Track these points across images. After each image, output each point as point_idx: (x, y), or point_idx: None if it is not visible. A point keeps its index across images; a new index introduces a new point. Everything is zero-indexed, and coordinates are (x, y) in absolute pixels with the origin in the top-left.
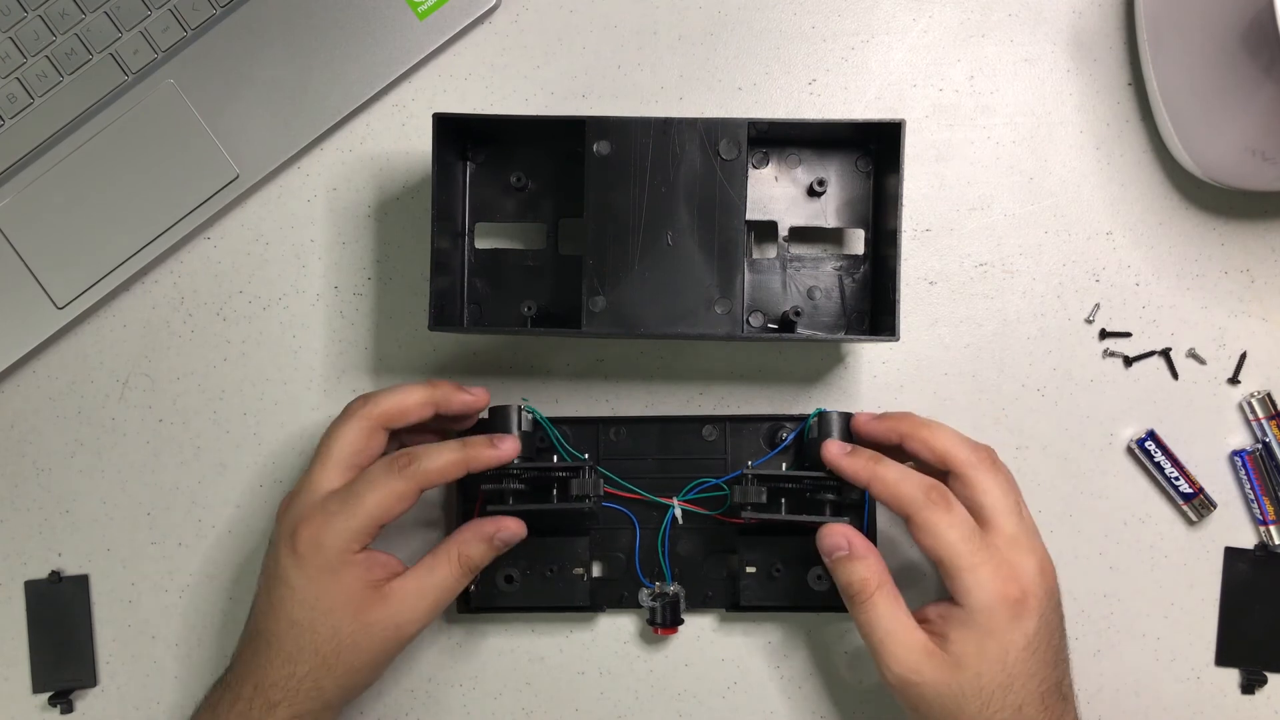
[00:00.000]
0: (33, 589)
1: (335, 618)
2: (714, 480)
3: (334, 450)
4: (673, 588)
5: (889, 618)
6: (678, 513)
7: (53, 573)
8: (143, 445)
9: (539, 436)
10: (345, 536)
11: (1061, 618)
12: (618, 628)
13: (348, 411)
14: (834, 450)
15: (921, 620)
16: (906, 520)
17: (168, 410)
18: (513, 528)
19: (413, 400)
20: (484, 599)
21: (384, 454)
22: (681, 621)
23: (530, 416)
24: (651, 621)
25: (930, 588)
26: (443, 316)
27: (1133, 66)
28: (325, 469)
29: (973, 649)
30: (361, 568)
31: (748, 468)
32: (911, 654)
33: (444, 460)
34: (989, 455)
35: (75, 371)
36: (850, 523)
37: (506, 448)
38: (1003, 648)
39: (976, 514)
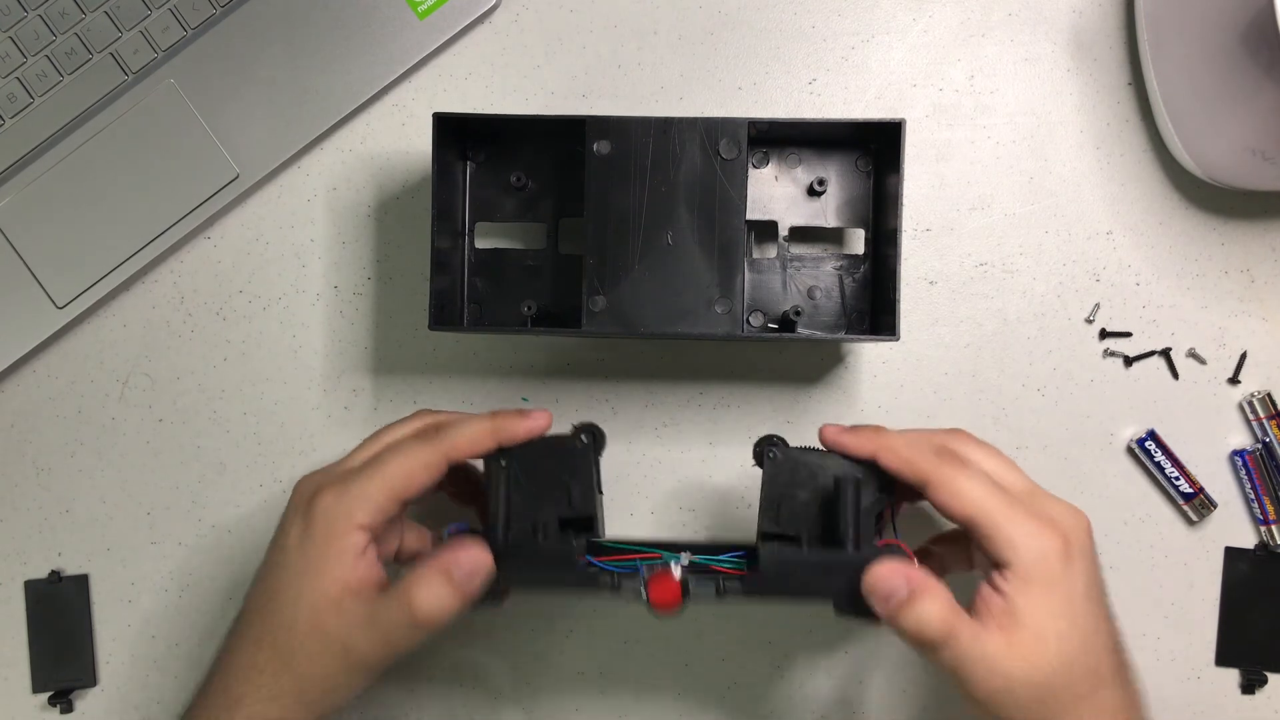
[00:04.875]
0: (33, 589)
1: (298, 606)
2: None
3: (389, 469)
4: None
5: (972, 644)
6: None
7: (53, 572)
8: (143, 445)
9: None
10: (358, 503)
11: (1101, 572)
12: (622, 629)
13: (421, 436)
14: (831, 431)
15: (982, 613)
16: (924, 486)
17: (168, 410)
18: (471, 558)
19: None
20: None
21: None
22: (688, 594)
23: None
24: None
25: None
26: (443, 316)
27: (1133, 66)
28: (372, 478)
29: (1043, 611)
30: (351, 558)
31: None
32: (1000, 664)
33: (474, 430)
34: (953, 457)
35: (75, 371)
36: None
37: (538, 419)
38: (1068, 600)
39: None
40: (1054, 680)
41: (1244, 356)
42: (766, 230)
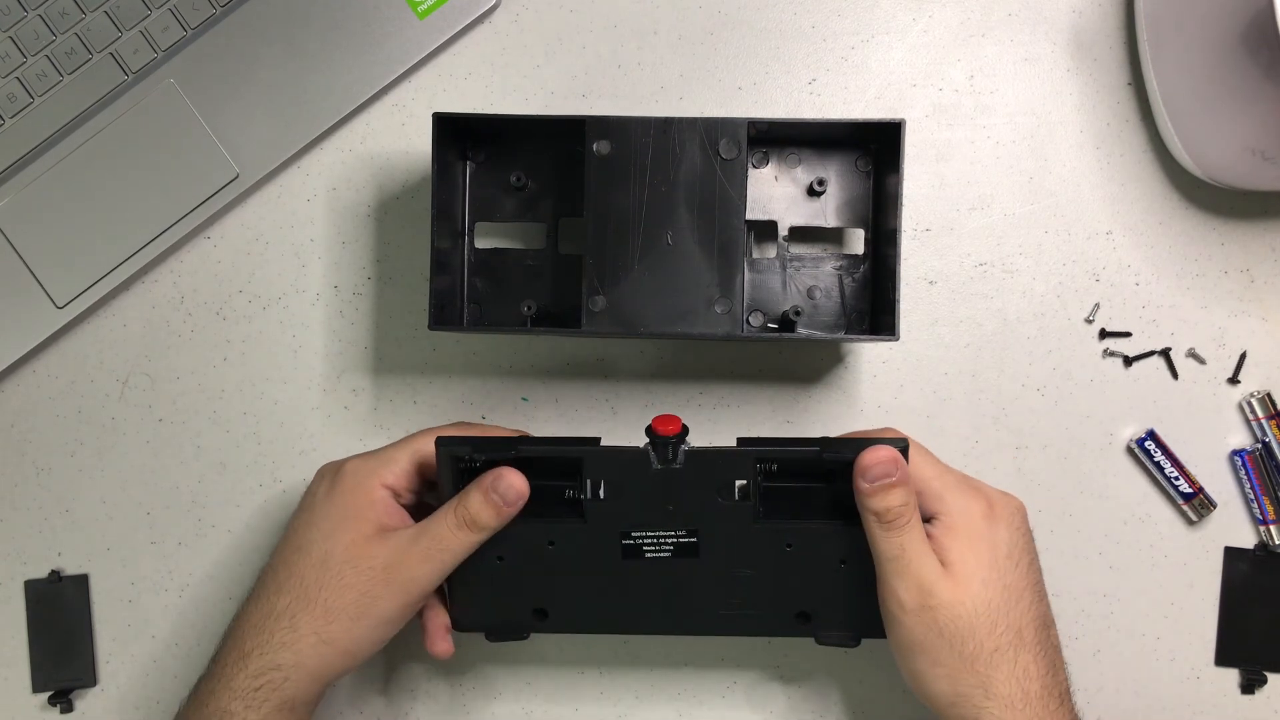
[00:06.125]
0: (33, 589)
1: (331, 542)
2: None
3: (417, 440)
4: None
5: (917, 542)
6: None
7: (53, 572)
8: (143, 445)
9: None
10: (385, 465)
11: (1036, 556)
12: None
13: (454, 425)
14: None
15: None
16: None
17: (168, 410)
18: (510, 480)
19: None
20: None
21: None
22: (687, 431)
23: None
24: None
25: None
26: (443, 316)
27: (1133, 66)
28: (400, 447)
29: (969, 556)
30: (379, 508)
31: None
32: (929, 579)
33: (499, 428)
34: (895, 431)
35: (75, 371)
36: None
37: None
38: (991, 553)
39: None
40: (976, 623)
41: (1244, 356)
42: (766, 230)
